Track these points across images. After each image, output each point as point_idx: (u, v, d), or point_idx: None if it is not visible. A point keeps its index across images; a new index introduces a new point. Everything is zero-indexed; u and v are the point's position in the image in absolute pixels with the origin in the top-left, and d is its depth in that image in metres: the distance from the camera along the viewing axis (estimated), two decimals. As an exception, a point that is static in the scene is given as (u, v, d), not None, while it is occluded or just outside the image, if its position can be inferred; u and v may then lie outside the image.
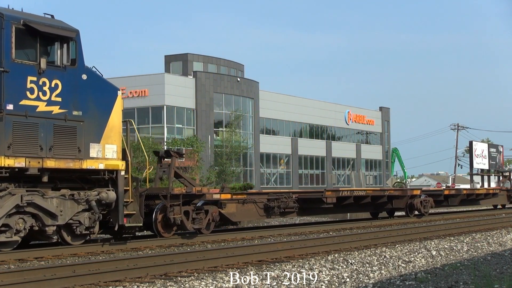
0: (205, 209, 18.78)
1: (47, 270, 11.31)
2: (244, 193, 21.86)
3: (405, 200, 26.55)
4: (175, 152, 19.42)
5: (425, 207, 27.37)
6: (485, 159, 62.79)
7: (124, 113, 17.00)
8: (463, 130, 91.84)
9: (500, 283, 10.97)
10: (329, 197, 22.78)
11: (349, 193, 24.13)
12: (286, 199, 21.51)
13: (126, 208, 16.27)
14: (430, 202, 27.76)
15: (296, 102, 77.32)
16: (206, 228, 18.81)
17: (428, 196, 28.02)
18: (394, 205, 26.56)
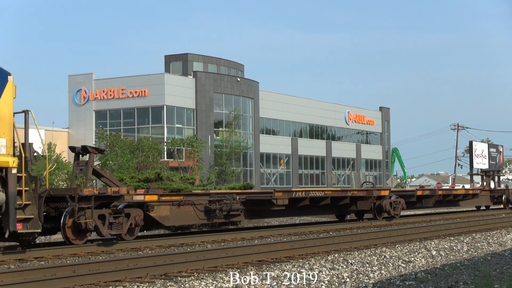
0: (126, 212, 16.89)
1: (47, 270, 11.31)
2: (180, 194, 19.85)
3: (371, 201, 24.44)
4: (93, 148, 17.72)
5: (395, 209, 25.52)
6: (485, 159, 62.87)
7: (124, 113, 16.89)
8: (463, 130, 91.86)
9: (500, 283, 10.97)
10: (279, 199, 20.56)
11: (303, 194, 21.95)
12: (229, 201, 19.66)
13: (23, 212, 14.09)
14: (401, 203, 25.86)
15: (296, 102, 77.32)
16: (129, 234, 16.96)
17: (399, 197, 26.17)
18: (359, 206, 24.43)
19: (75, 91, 63.63)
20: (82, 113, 63.42)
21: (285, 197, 20.88)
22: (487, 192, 35.89)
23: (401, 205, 25.88)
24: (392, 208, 25.30)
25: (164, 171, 30.80)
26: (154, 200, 17.79)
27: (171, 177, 26.55)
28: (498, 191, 36.87)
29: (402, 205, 25.97)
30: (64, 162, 36.94)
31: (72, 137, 63.64)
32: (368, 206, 24.56)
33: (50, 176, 34.34)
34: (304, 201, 21.92)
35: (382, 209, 24.94)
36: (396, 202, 25.60)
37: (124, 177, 26.43)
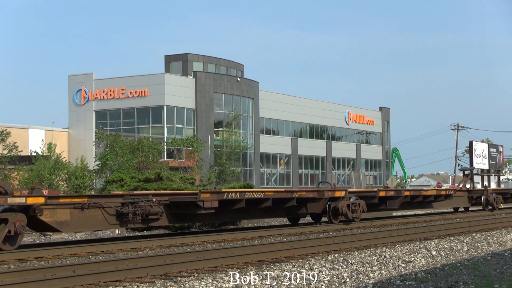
0: (3, 217, 14.63)
1: (47, 270, 11.31)
2: (85, 196, 17.94)
3: (322, 203, 22.34)
4: None
5: (354, 212, 23.18)
6: (485, 159, 62.79)
7: (124, 113, 16.94)
8: (463, 130, 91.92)
9: (500, 283, 10.97)
10: (206, 200, 18.20)
11: (238, 195, 19.29)
12: (145, 204, 17.52)
13: None
14: (362, 205, 23.52)
15: (296, 102, 77.32)
16: (10, 243, 14.73)
17: (359, 199, 23.79)
18: (309, 209, 22.39)
19: (75, 91, 63.62)
20: (82, 113, 63.41)
21: (214, 199, 18.42)
22: (464, 192, 33.56)
23: (361, 207, 23.49)
24: (350, 210, 22.94)
25: (164, 171, 30.79)
26: (40, 202, 15.17)
27: (171, 177, 26.53)
28: (476, 191, 34.25)
29: (362, 208, 23.55)
30: (64, 162, 36.91)
31: (72, 137, 63.65)
32: (319, 209, 22.39)
33: (50, 176, 34.39)
34: (239, 204, 19.56)
35: (338, 211, 22.70)
36: (355, 204, 23.31)
37: (124, 177, 26.44)
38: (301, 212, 22.86)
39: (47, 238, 21.92)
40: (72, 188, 33.68)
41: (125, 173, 30.70)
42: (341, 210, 22.69)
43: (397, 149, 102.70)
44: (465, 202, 33.61)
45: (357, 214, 23.31)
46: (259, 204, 20.54)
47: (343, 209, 22.73)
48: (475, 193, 34.00)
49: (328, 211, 22.83)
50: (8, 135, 38.01)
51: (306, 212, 22.84)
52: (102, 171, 38.62)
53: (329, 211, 22.85)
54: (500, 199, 34.47)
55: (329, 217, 22.93)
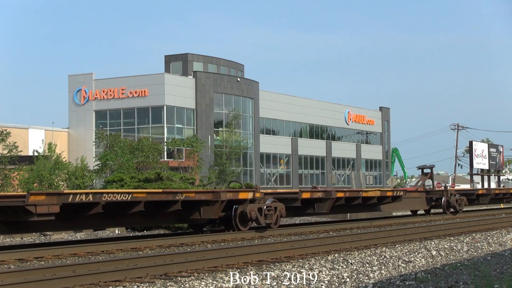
0: None
1: (47, 270, 11.31)
2: None
3: (219, 207, 18.73)
4: None
5: (268, 217, 19.93)
6: (485, 159, 62.83)
7: (124, 113, 16.92)
8: (463, 130, 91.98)
9: (500, 283, 10.97)
10: (40, 205, 14.23)
11: (91, 198, 15.33)
12: None
13: None
14: (279, 209, 20.35)
15: (296, 102, 77.34)
16: None
17: (277, 201, 20.57)
18: (203, 214, 18.71)
19: (75, 91, 63.64)
20: (82, 113, 63.43)
21: (52, 203, 14.42)
22: (421, 193, 29.72)
23: (279, 211, 20.28)
24: (262, 215, 19.70)
25: (164, 171, 30.77)
26: None
27: (171, 177, 26.52)
28: (435, 192, 30.54)
29: (280, 212, 20.37)
30: (64, 162, 36.90)
31: (72, 137, 63.66)
32: (215, 213, 18.79)
33: (50, 176, 34.38)
34: (94, 209, 15.71)
35: (246, 216, 19.36)
36: (270, 208, 20.04)
37: (124, 177, 26.43)
38: (194, 217, 18.92)
39: (47, 238, 21.92)
40: (72, 188, 33.67)
41: (125, 173, 30.68)
42: (250, 215, 19.26)
43: (397, 149, 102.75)
44: (423, 204, 29.80)
45: (272, 220, 19.96)
46: (129, 209, 16.63)
47: (252, 213, 19.29)
48: (434, 194, 30.26)
49: (234, 216, 19.31)
50: (8, 135, 37.99)
51: (200, 217, 18.88)
52: (102, 171, 38.61)
53: (235, 216, 19.31)
54: (464, 200, 30.70)
55: (235, 223, 19.41)
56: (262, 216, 19.76)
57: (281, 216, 20.55)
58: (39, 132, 60.36)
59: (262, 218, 19.76)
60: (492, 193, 34.00)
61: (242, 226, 19.57)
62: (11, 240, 21.40)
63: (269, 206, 20.07)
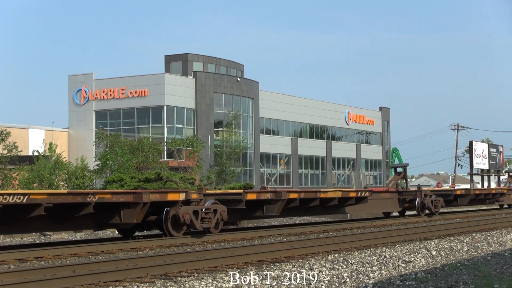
0: None
1: (47, 270, 11.31)
2: None
3: (141, 210, 16.72)
4: None
5: (206, 220, 18.12)
6: (485, 159, 62.81)
7: (124, 113, 16.92)
8: (463, 130, 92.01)
9: (500, 283, 10.97)
10: None
11: None
12: None
13: None
14: (220, 212, 18.44)
15: (296, 102, 77.34)
16: None
17: (218, 203, 18.78)
18: (123, 218, 16.70)
19: (75, 91, 63.65)
20: (82, 113, 63.43)
21: None
22: (393, 194, 27.82)
23: (219, 214, 18.50)
24: (199, 219, 17.88)
25: (164, 171, 30.79)
26: None
27: (171, 177, 26.51)
28: (408, 193, 28.40)
29: (221, 215, 18.57)
30: (65, 162, 36.92)
31: (72, 137, 63.66)
32: (137, 217, 16.83)
33: (50, 176, 34.42)
34: None
35: (179, 220, 17.59)
36: (208, 210, 18.24)
37: (124, 177, 26.45)
38: (113, 222, 17.05)
39: (47, 238, 21.92)
40: (72, 188, 33.68)
41: (125, 173, 30.70)
42: (183, 219, 17.44)
43: (397, 149, 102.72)
44: (394, 205, 27.81)
45: (210, 224, 18.17)
46: (26, 213, 14.87)
47: (185, 217, 17.46)
48: (407, 194, 28.20)
49: (165, 220, 17.61)
50: (8, 135, 38.01)
51: (120, 221, 16.92)
52: (102, 171, 38.63)
53: (166, 220, 17.60)
54: (440, 202, 28.68)
55: (166, 228, 17.67)
56: (199, 220, 17.81)
57: (222, 220, 18.62)
58: (39, 132, 60.37)
59: (199, 222, 17.81)
60: (471, 194, 31.75)
61: (175, 231, 17.74)
62: (11, 240, 21.40)
63: (207, 208, 18.19)
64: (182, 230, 17.94)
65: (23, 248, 15.71)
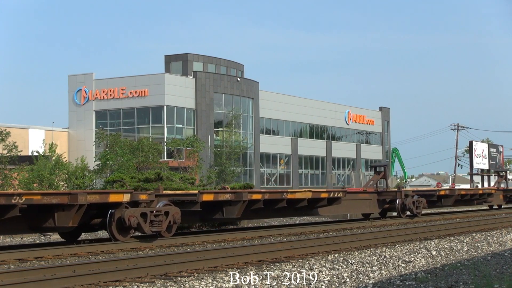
0: None
1: (47, 270, 11.31)
2: None
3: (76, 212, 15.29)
4: None
5: (156, 223, 16.89)
6: (485, 159, 62.79)
7: (124, 113, 16.89)
8: (463, 130, 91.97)
9: (500, 283, 10.97)
10: None
11: None
12: None
13: None
14: (172, 214, 17.32)
15: (296, 102, 77.33)
16: None
17: (172, 205, 17.51)
18: (58, 221, 15.41)
19: (75, 91, 63.64)
20: (82, 113, 63.43)
21: None
22: (372, 195, 26.88)
23: (172, 217, 17.26)
24: (147, 222, 16.63)
25: (164, 171, 30.79)
26: None
27: (171, 177, 26.50)
28: (388, 193, 27.21)
29: (174, 218, 17.29)
30: (65, 162, 36.91)
31: (72, 137, 63.65)
32: (74, 221, 15.46)
33: (50, 176, 34.41)
34: None
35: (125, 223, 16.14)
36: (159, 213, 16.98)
37: (124, 177, 26.43)
38: (47, 226, 15.72)
39: (47, 238, 21.92)
40: (72, 188, 33.68)
41: (125, 173, 30.69)
42: (129, 222, 16.10)
43: (397, 149, 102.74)
44: (373, 206, 26.62)
45: (161, 227, 16.97)
46: None
47: (132, 220, 16.13)
48: (387, 195, 26.92)
49: (109, 223, 16.25)
50: (8, 135, 38.00)
51: (54, 225, 15.59)
52: (102, 171, 38.61)
53: (111, 224, 16.25)
54: (423, 203, 27.54)
55: (110, 232, 16.36)
56: (147, 223, 16.55)
57: (175, 223, 17.34)
58: (39, 132, 60.36)
59: (147, 225, 16.54)
60: (456, 194, 30.44)
61: (121, 235, 16.35)
62: (11, 240, 21.40)
63: (158, 210, 16.94)
64: (129, 234, 16.60)
65: (23, 248, 15.71)
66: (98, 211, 16.35)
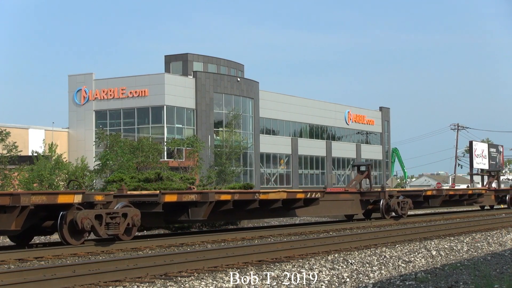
0: None
1: (47, 270, 11.31)
2: None
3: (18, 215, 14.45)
4: None
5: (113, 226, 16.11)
6: (485, 159, 62.81)
7: (124, 113, 16.83)
8: (463, 130, 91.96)
9: (500, 283, 10.97)
10: None
11: None
12: None
13: None
14: (131, 216, 16.42)
15: (296, 102, 77.35)
16: None
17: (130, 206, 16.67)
18: None
19: (75, 91, 63.64)
20: (82, 113, 63.44)
21: None
22: (355, 195, 25.71)
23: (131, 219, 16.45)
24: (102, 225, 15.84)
25: (164, 171, 30.78)
26: None
27: (171, 177, 26.50)
28: (372, 193, 26.21)
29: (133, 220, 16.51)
30: (65, 162, 36.91)
31: (72, 137, 63.65)
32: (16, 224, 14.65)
33: (50, 176, 34.41)
34: None
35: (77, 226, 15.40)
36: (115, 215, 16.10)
37: (124, 177, 26.42)
38: None
39: (47, 238, 21.91)
40: (72, 188, 33.67)
41: (125, 173, 30.68)
42: (82, 225, 15.39)
43: (397, 149, 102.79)
44: (356, 207, 25.76)
45: (118, 230, 16.20)
46: None
47: (84, 222, 15.40)
48: (370, 195, 26.05)
49: (60, 226, 15.43)
50: (8, 135, 38.01)
51: None
52: (102, 171, 38.61)
53: (62, 227, 15.43)
54: (408, 203, 26.62)
55: (61, 235, 15.53)
56: (103, 226, 15.77)
57: (135, 225, 16.57)
58: (39, 132, 60.36)
59: (103, 228, 15.76)
60: (444, 195, 29.51)
61: (74, 238, 15.52)
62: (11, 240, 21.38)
63: (114, 212, 16.10)
64: (83, 237, 15.77)
65: (23, 248, 15.70)
66: (49, 213, 15.49)
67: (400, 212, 26.28)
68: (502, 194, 36.48)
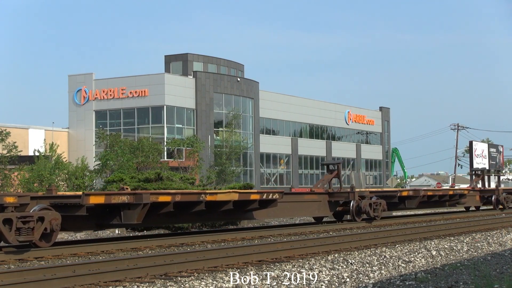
0: None
1: (47, 270, 11.31)
2: None
3: None
4: None
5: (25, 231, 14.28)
6: (485, 159, 62.87)
7: (124, 113, 16.82)
8: (463, 130, 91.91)
9: (500, 283, 10.97)
10: None
11: None
12: None
13: None
14: (49, 221, 14.68)
15: (296, 102, 77.34)
16: None
17: (50, 209, 14.94)
18: None
19: (75, 91, 63.64)
20: (82, 113, 63.43)
21: None
22: (322, 196, 24.11)
23: (49, 224, 14.69)
24: (13, 229, 14.11)
25: (164, 171, 30.77)
26: None
27: (171, 177, 26.49)
28: (341, 194, 24.48)
29: (52, 225, 14.73)
30: (65, 162, 36.91)
31: (72, 137, 63.65)
32: None
33: (50, 176, 34.41)
34: None
35: None
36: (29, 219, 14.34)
37: (124, 177, 26.41)
38: None
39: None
40: (72, 188, 33.67)
41: (125, 173, 30.68)
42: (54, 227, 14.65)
43: (397, 149, 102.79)
44: (323, 209, 24.14)
45: (32, 236, 14.44)
46: None
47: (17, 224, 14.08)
48: (339, 196, 24.39)
49: None
50: (8, 135, 38.00)
51: None
52: (102, 171, 38.61)
53: None
54: (382, 205, 25.23)
55: None
56: (12, 231, 14.01)
57: (53, 230, 14.76)
58: (39, 132, 60.37)
59: (12, 234, 14.00)
60: (421, 196, 27.64)
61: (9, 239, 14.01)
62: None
63: (28, 216, 14.29)
64: None
65: (23, 248, 15.69)
66: None
67: (372, 214, 24.47)
68: (488, 195, 34.51)
